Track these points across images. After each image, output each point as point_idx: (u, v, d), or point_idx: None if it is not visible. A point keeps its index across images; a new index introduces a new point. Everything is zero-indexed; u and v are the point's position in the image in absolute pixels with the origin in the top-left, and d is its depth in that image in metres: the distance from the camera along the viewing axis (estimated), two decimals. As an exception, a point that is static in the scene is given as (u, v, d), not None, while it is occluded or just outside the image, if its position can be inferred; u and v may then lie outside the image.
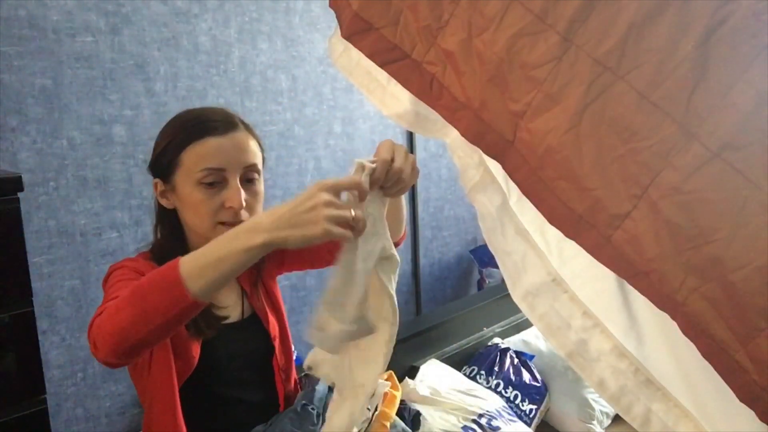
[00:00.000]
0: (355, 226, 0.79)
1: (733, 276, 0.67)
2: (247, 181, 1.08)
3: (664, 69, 0.70)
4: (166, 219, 1.14)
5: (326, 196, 0.77)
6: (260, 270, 1.26)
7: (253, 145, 1.10)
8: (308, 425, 1.17)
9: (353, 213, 0.78)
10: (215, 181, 1.05)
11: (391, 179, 0.89)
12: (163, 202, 1.12)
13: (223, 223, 1.06)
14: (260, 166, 1.11)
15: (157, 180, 1.11)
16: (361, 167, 0.85)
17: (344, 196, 0.83)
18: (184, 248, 1.13)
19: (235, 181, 1.06)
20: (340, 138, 2.64)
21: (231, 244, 0.79)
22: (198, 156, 1.05)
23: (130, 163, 1.99)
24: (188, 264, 0.80)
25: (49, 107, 1.81)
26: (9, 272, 1.20)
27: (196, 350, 1.09)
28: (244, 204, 1.06)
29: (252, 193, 1.09)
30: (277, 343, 1.23)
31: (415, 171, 0.93)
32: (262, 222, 0.79)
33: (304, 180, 2.52)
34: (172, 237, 1.13)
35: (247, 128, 1.11)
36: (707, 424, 0.86)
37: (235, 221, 1.06)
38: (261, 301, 1.24)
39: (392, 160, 0.89)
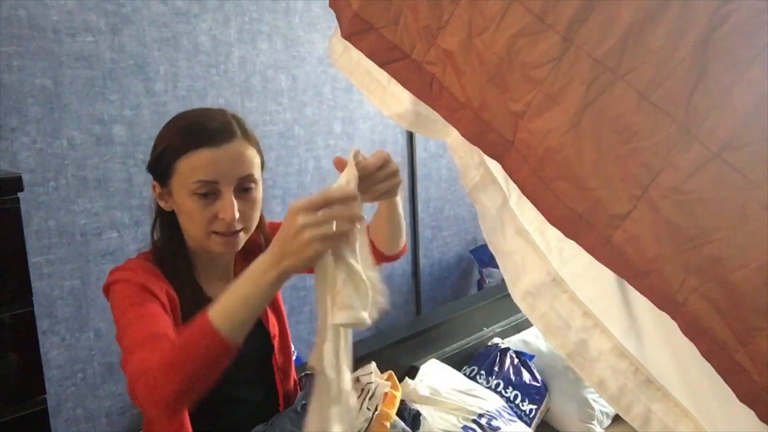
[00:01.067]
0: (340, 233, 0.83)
1: (733, 276, 0.67)
2: (243, 191, 1.08)
3: (664, 69, 0.70)
4: (165, 220, 1.14)
5: (301, 220, 0.80)
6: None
7: (249, 153, 1.08)
8: (308, 425, 1.17)
9: (334, 226, 0.82)
10: (208, 192, 1.05)
11: (364, 184, 0.91)
12: (162, 204, 1.12)
13: (216, 233, 1.07)
14: (257, 175, 1.10)
15: (155, 182, 1.11)
16: (356, 155, 0.90)
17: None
18: (183, 249, 1.13)
19: (229, 194, 1.05)
20: (340, 138, 2.64)
21: (252, 285, 0.84)
22: (191, 167, 1.04)
23: (130, 163, 1.99)
24: (218, 314, 0.84)
25: (49, 107, 1.81)
26: (9, 272, 1.20)
27: (196, 351, 1.09)
28: (237, 216, 1.05)
29: (248, 201, 1.08)
30: (276, 342, 1.23)
31: (392, 191, 0.99)
32: (268, 260, 0.83)
33: (304, 180, 2.52)
34: (170, 237, 1.13)
35: (246, 134, 1.09)
36: (707, 424, 0.87)
37: (229, 232, 1.07)
38: (260, 301, 1.23)
39: (378, 169, 0.93)
